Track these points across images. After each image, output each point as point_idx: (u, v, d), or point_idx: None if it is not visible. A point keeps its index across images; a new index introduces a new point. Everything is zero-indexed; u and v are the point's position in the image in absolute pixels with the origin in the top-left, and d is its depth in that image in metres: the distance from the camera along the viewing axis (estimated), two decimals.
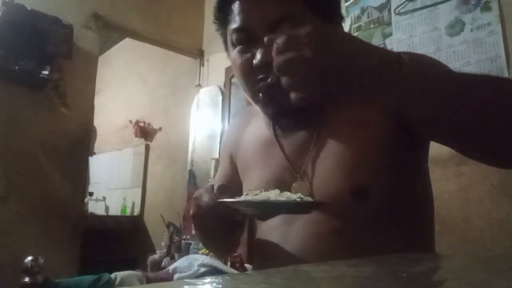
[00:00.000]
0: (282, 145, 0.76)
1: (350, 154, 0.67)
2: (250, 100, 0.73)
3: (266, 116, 0.75)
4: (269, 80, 0.65)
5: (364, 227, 0.66)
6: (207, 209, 0.66)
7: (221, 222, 0.67)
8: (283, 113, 0.69)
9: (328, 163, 0.69)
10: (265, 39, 0.53)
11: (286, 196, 0.61)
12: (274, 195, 0.61)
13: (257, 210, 0.65)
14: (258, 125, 0.83)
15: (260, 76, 0.67)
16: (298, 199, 0.60)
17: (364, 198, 0.65)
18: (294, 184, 0.73)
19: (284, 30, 0.56)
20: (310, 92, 0.58)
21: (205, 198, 0.67)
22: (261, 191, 0.63)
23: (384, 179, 0.66)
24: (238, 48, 0.70)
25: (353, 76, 0.53)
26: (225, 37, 0.74)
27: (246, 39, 0.68)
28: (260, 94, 0.68)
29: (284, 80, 0.53)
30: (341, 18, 0.75)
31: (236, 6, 0.69)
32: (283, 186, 0.70)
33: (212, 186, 0.68)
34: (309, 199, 0.62)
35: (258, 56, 0.64)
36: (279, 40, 0.51)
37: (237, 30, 0.69)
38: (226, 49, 0.76)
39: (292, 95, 0.58)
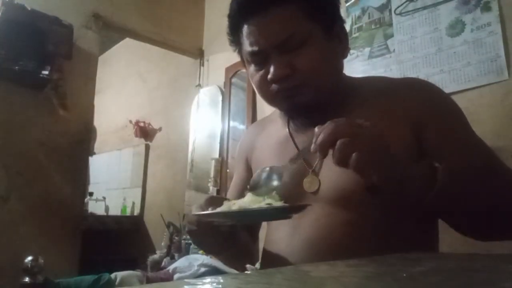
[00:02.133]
0: (297, 142, 0.82)
1: None
2: (268, 103, 0.82)
3: (284, 113, 0.85)
4: (282, 86, 0.76)
5: (375, 221, 0.69)
6: (196, 224, 0.68)
7: (212, 235, 0.68)
8: (298, 110, 0.79)
9: None
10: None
11: (257, 203, 0.60)
12: (247, 202, 0.62)
13: (232, 220, 0.64)
14: (273, 129, 0.91)
15: (275, 86, 0.76)
16: (267, 205, 0.60)
17: (377, 193, 0.66)
18: (305, 179, 0.76)
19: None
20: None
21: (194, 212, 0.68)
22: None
23: None
24: (253, 66, 0.79)
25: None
26: (241, 55, 0.83)
27: (259, 59, 0.77)
28: (278, 97, 0.77)
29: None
30: (342, 21, 0.81)
31: (245, 30, 0.77)
32: (295, 180, 0.75)
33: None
34: (281, 203, 0.62)
35: (271, 71, 0.74)
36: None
37: (250, 53, 0.77)
38: (244, 65, 0.85)
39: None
